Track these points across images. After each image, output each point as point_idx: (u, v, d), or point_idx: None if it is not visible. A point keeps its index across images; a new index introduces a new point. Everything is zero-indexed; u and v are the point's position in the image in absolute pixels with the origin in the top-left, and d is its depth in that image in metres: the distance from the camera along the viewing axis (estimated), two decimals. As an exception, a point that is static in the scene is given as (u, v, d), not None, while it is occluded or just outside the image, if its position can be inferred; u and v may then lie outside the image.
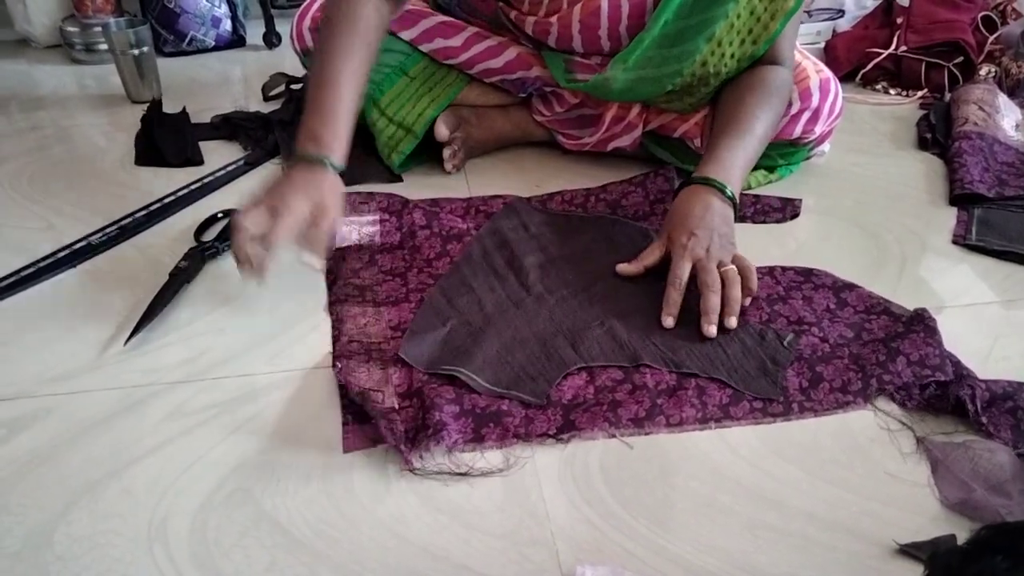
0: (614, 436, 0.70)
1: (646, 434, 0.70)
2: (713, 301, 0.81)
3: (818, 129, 1.07)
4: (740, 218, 1.03)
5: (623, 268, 0.90)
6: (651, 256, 0.89)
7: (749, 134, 0.94)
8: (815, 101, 1.05)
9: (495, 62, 1.10)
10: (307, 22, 1.12)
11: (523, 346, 0.78)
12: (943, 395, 0.72)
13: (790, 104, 1.04)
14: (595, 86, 1.03)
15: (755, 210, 1.07)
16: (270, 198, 0.81)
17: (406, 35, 1.08)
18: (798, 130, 1.06)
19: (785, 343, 0.79)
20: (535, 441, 0.68)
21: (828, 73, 1.08)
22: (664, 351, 0.78)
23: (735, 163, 0.92)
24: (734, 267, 0.84)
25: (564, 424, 0.70)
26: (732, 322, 0.81)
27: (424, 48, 1.09)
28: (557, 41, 1.04)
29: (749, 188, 1.11)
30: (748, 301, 0.84)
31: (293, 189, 0.81)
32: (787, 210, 1.07)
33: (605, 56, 1.04)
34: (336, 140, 0.86)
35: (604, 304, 0.85)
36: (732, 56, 0.97)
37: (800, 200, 1.08)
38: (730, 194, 0.89)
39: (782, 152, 1.11)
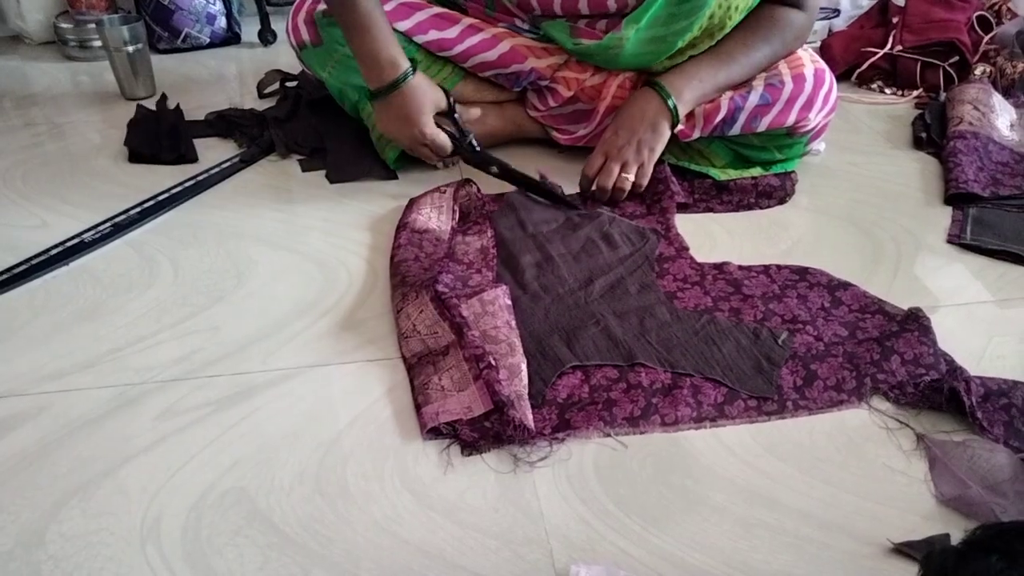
0: (609, 435, 0.69)
1: (641, 433, 0.70)
2: (599, 198, 1.04)
3: (812, 117, 1.07)
4: (747, 205, 1.06)
5: (584, 173, 1.05)
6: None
7: (732, 60, 1.02)
8: (808, 87, 1.05)
9: (489, 55, 1.09)
10: (302, 15, 1.12)
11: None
12: (938, 388, 0.73)
13: (782, 84, 1.04)
14: (607, 47, 1.03)
15: (757, 193, 1.08)
16: (410, 143, 1.05)
17: (401, 26, 1.07)
18: (792, 117, 1.06)
19: (780, 341, 0.79)
20: (531, 440, 0.68)
21: (823, 65, 1.08)
22: (659, 350, 0.78)
23: (696, 76, 1.01)
24: (630, 179, 1.02)
25: (559, 423, 0.70)
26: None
27: (419, 40, 1.08)
28: (562, 5, 1.04)
29: (732, 178, 1.11)
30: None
31: (394, 131, 1.04)
32: (787, 185, 1.09)
33: (610, 19, 1.04)
34: (400, 54, 0.98)
35: (600, 303, 0.85)
36: (737, 8, 1.00)
37: (795, 172, 1.10)
38: (671, 104, 1.00)
39: (779, 145, 1.11)
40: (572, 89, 1.11)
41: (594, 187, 1.05)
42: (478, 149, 1.06)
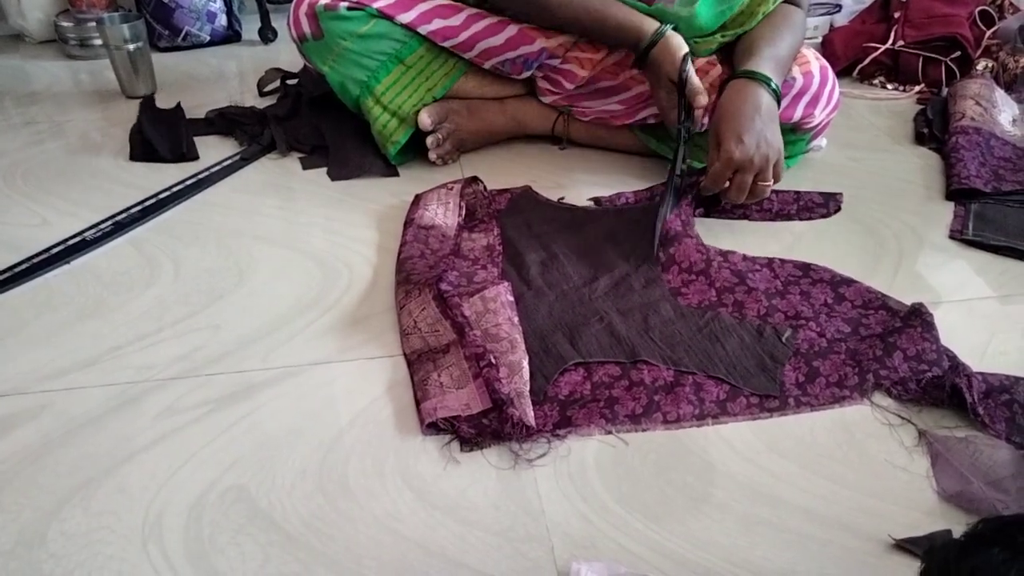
0: (611, 433, 0.69)
1: (643, 431, 0.70)
2: (735, 199, 0.94)
3: (817, 114, 1.07)
4: (786, 215, 1.05)
5: (706, 190, 0.95)
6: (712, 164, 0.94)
7: (780, 48, 1.01)
8: (815, 82, 1.05)
9: (496, 39, 1.08)
10: (304, 8, 1.11)
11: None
12: (939, 384, 0.72)
13: (794, 80, 1.04)
14: (658, 14, 1.02)
15: (799, 207, 1.06)
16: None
17: (404, 18, 1.06)
18: (798, 113, 1.06)
19: (783, 339, 0.79)
20: (531, 437, 0.68)
21: (826, 63, 1.09)
22: (662, 347, 0.78)
23: (773, 63, 0.98)
24: (768, 185, 0.93)
25: (561, 420, 0.70)
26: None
27: (423, 30, 1.07)
28: None
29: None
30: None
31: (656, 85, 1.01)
32: (830, 205, 1.07)
33: None
34: (645, 20, 1.00)
35: (604, 299, 0.85)
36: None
37: (841, 194, 1.08)
38: (775, 87, 0.95)
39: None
40: (588, 69, 1.09)
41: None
42: (685, 137, 0.96)
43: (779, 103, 0.97)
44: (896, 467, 0.67)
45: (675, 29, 1.02)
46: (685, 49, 0.97)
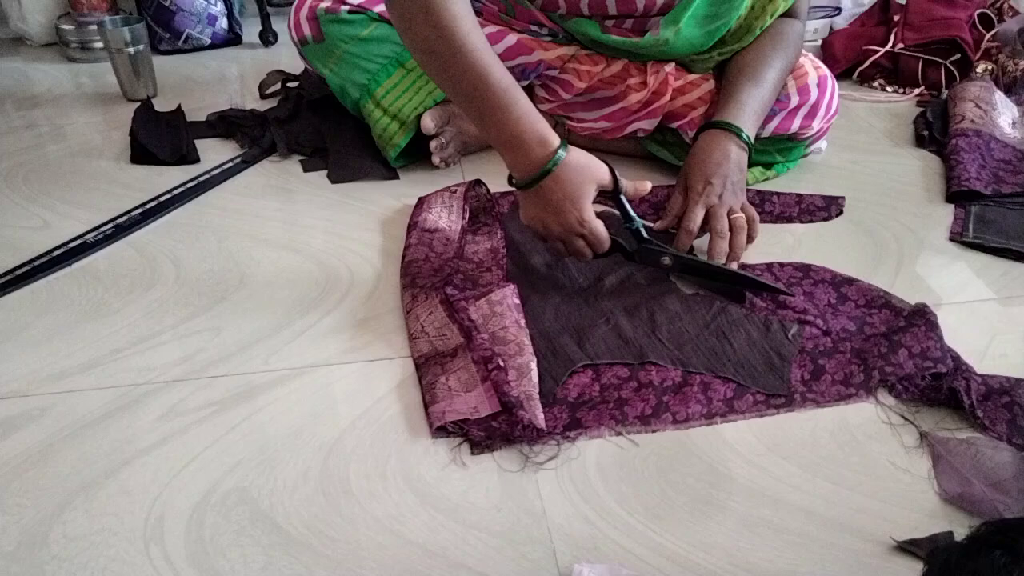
0: (620, 434, 0.69)
1: (653, 432, 0.70)
2: (721, 246, 0.89)
3: (815, 125, 1.08)
4: (787, 218, 1.05)
5: (659, 226, 0.95)
6: (675, 205, 0.95)
7: (765, 81, 1.00)
8: (813, 96, 1.05)
9: (494, 49, 1.08)
10: (304, 11, 1.11)
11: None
12: (937, 386, 0.73)
13: (788, 98, 1.04)
14: (649, 45, 1.02)
15: (800, 209, 1.06)
16: (563, 236, 0.82)
17: None
18: (796, 125, 1.06)
19: (790, 335, 0.79)
20: (541, 439, 0.68)
21: (825, 71, 1.09)
22: (670, 348, 0.78)
23: (752, 108, 0.98)
24: (743, 215, 0.91)
25: (570, 422, 0.70)
26: (734, 266, 0.90)
27: None
28: (590, 5, 1.02)
29: (747, 185, 1.10)
30: (749, 247, 0.93)
31: (546, 221, 0.82)
32: (832, 208, 1.07)
33: (636, 19, 1.03)
34: (547, 128, 0.79)
35: (610, 300, 0.85)
36: (771, 14, 1.02)
37: (843, 198, 1.08)
38: (745, 138, 0.95)
39: (780, 148, 1.11)
40: (585, 81, 1.09)
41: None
42: (646, 237, 0.85)
43: (750, 153, 0.97)
44: (898, 469, 0.67)
45: (666, 52, 1.03)
46: (593, 157, 0.82)
